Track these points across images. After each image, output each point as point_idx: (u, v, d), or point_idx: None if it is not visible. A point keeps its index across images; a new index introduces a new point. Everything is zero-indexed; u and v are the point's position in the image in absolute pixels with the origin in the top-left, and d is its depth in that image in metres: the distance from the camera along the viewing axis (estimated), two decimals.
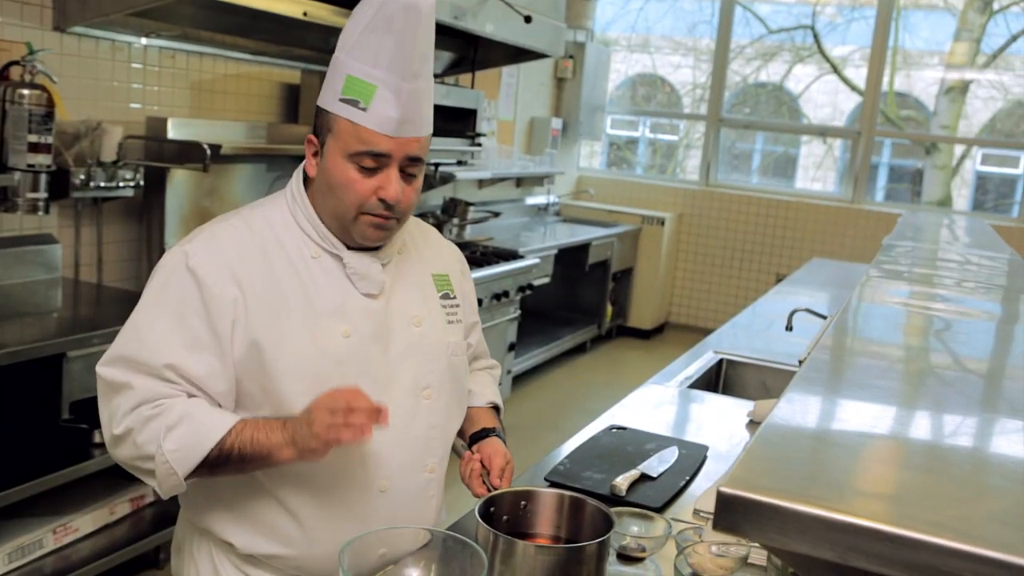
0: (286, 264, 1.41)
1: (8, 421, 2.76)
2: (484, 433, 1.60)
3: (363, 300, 1.44)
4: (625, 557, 1.56)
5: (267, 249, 1.41)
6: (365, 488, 1.42)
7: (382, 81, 1.34)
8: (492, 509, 1.43)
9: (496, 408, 1.72)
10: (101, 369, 1.38)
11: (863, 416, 1.00)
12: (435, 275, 1.59)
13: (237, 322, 1.36)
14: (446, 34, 4.19)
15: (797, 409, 1.00)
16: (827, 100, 7.58)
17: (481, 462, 1.53)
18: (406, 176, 1.41)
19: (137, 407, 1.34)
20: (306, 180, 1.47)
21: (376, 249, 1.47)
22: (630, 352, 6.78)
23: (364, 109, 1.35)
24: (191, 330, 1.35)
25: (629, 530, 1.58)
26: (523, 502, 1.47)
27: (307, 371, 1.37)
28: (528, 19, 4.02)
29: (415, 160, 1.41)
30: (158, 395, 1.34)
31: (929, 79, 7.37)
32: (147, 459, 1.33)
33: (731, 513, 0.77)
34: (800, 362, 1.96)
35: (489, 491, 1.48)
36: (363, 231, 1.42)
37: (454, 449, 1.65)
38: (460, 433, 1.66)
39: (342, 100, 1.36)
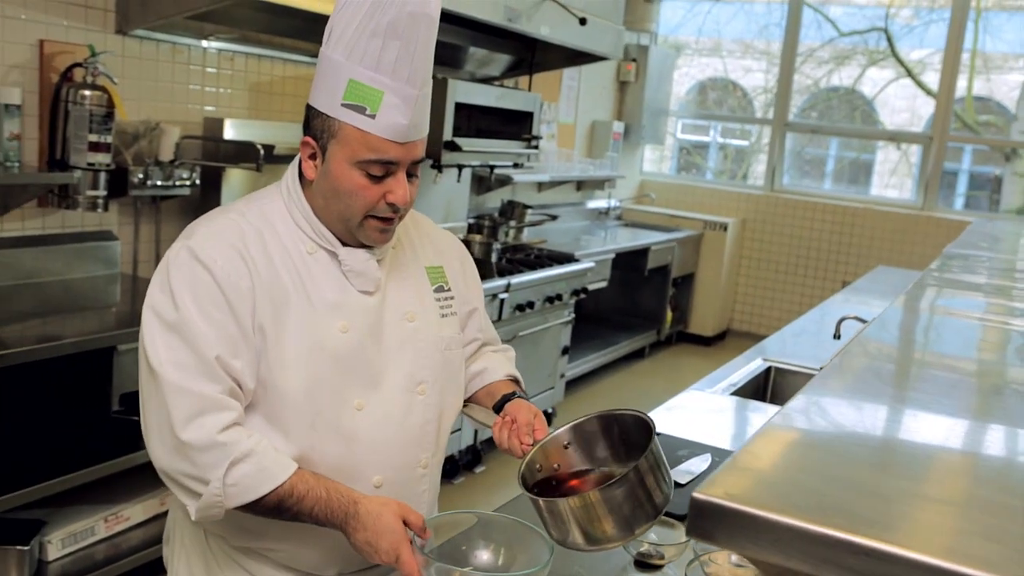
0: (284, 257, 1.40)
1: (63, 411, 2.85)
2: (505, 399, 1.57)
3: (359, 296, 1.44)
4: (644, 564, 1.54)
5: (266, 241, 1.40)
6: (361, 483, 1.42)
7: (389, 87, 1.32)
8: (539, 466, 1.43)
9: (516, 381, 1.68)
10: (156, 366, 1.31)
11: (861, 424, 0.97)
12: (428, 268, 1.58)
13: (252, 312, 1.35)
14: (502, 36, 4.20)
15: (796, 417, 0.97)
16: (905, 105, 7.37)
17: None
18: (409, 176, 1.41)
19: (198, 416, 1.29)
20: (300, 177, 1.45)
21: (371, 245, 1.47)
22: (690, 359, 6.69)
23: (372, 116, 1.33)
24: (218, 325, 1.33)
25: (648, 537, 1.55)
26: (566, 444, 1.46)
27: (303, 365, 1.37)
28: (583, 21, 4.00)
29: (419, 161, 1.41)
30: (216, 404, 1.30)
31: (1013, 83, 7.11)
32: (198, 482, 1.30)
33: (704, 520, 0.75)
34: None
35: (531, 446, 1.45)
36: (368, 234, 1.42)
37: (481, 422, 1.63)
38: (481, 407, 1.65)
39: (345, 105, 1.33)
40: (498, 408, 1.57)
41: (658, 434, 2.13)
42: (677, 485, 1.85)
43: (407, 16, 1.31)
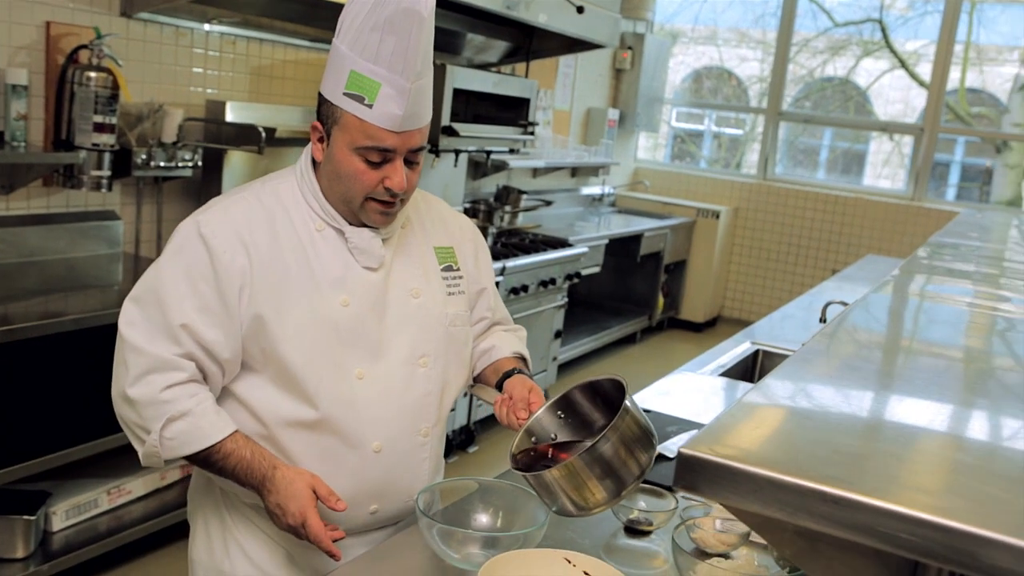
0: (292, 236, 1.49)
1: (67, 386, 2.91)
2: (507, 376, 1.65)
3: (363, 272, 1.52)
4: (633, 531, 1.61)
5: (275, 221, 1.49)
6: (361, 448, 1.50)
7: (385, 79, 1.40)
8: (534, 439, 1.50)
9: (523, 359, 1.75)
10: (123, 327, 1.44)
11: (835, 396, 1.04)
12: (437, 248, 1.65)
13: (244, 288, 1.44)
14: (501, 23, 4.25)
15: (775, 387, 1.04)
16: (899, 96, 7.44)
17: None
18: (408, 163, 1.48)
19: (148, 374, 1.42)
20: (313, 160, 1.54)
21: None
22: (681, 344, 6.78)
23: (369, 106, 1.40)
24: (201, 296, 1.43)
25: (638, 505, 1.63)
26: (559, 414, 1.53)
27: (306, 338, 1.46)
28: (580, 9, 4.05)
29: (417, 149, 1.48)
30: (167, 365, 1.41)
31: (1006, 75, 7.18)
32: (143, 431, 1.43)
33: (689, 473, 0.83)
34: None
35: (526, 419, 1.52)
36: (369, 216, 1.50)
37: (485, 400, 1.70)
38: (487, 385, 1.72)
39: (346, 94, 1.42)
40: (500, 385, 1.65)
41: (648, 410, 2.22)
42: (664, 459, 1.93)
43: (402, 12, 1.38)
